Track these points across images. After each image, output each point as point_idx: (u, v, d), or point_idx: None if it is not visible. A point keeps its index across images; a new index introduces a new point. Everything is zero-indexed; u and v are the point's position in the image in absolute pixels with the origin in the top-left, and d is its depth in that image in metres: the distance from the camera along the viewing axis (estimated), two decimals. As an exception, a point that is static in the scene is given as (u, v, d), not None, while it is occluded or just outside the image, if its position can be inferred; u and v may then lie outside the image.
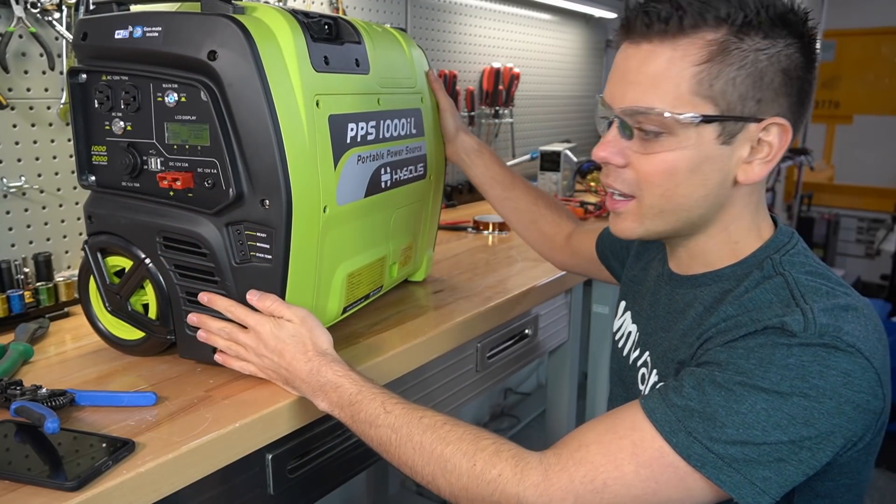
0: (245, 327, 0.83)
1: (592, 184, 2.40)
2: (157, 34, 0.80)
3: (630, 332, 0.90)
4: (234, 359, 0.84)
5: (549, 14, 2.59)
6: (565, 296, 1.50)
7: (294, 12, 0.86)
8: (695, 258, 0.78)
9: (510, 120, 2.39)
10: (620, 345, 0.92)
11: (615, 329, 0.96)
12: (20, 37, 1.12)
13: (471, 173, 1.19)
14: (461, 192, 2.17)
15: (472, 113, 2.20)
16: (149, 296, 0.89)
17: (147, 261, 0.87)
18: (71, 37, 1.16)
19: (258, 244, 0.82)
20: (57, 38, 1.16)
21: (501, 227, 1.75)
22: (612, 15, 2.82)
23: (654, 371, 0.79)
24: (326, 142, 0.86)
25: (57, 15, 1.15)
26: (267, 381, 0.85)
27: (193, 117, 0.81)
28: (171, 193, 0.85)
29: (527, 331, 1.36)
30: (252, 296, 0.83)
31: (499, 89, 2.27)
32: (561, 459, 0.65)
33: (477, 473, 0.66)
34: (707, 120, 0.68)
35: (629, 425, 0.65)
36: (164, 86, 0.82)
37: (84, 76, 0.87)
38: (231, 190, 0.81)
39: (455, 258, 1.49)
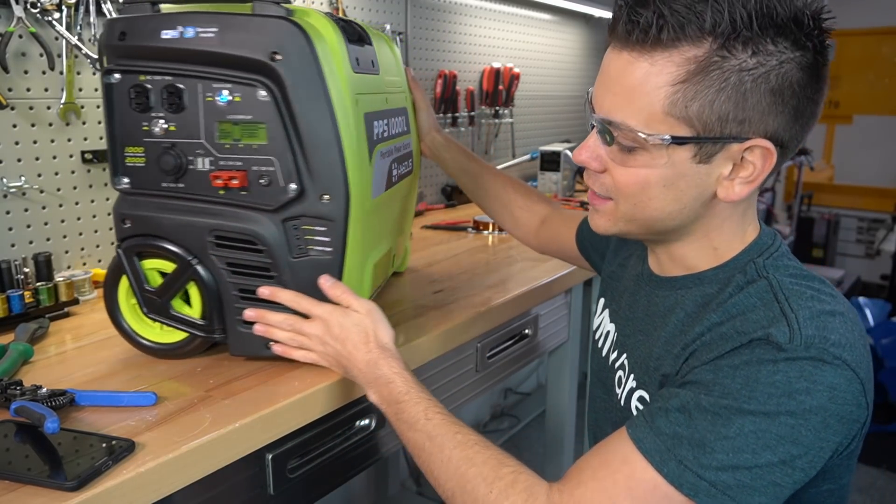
0: (306, 318, 0.85)
1: (592, 184, 2.40)
2: (212, 35, 0.80)
3: (608, 332, 0.89)
4: (294, 349, 0.86)
5: (549, 14, 2.59)
6: (565, 296, 1.50)
7: (328, 15, 0.88)
8: (674, 260, 0.78)
9: (510, 120, 2.39)
10: (600, 344, 0.92)
11: (594, 327, 0.96)
12: (20, 37, 1.12)
13: (443, 167, 1.24)
14: (461, 192, 2.17)
15: (472, 113, 2.21)
16: (192, 296, 0.89)
17: (194, 261, 0.87)
18: (71, 37, 1.16)
19: (317, 238, 0.85)
20: (57, 38, 1.16)
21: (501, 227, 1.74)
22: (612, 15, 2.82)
23: (632, 376, 0.79)
24: (363, 138, 0.89)
25: (57, 15, 1.15)
26: (266, 380, 0.85)
27: (249, 116, 0.83)
28: (222, 192, 0.85)
29: (527, 331, 1.36)
30: (325, 281, 0.85)
31: (499, 89, 2.27)
32: (563, 497, 0.65)
33: (491, 501, 0.67)
34: (678, 141, 0.65)
35: (621, 458, 0.64)
36: (214, 85, 0.83)
37: (118, 76, 0.85)
38: (291, 186, 0.83)
39: (455, 258, 1.49)
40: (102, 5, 1.21)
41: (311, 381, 0.85)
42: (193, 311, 0.89)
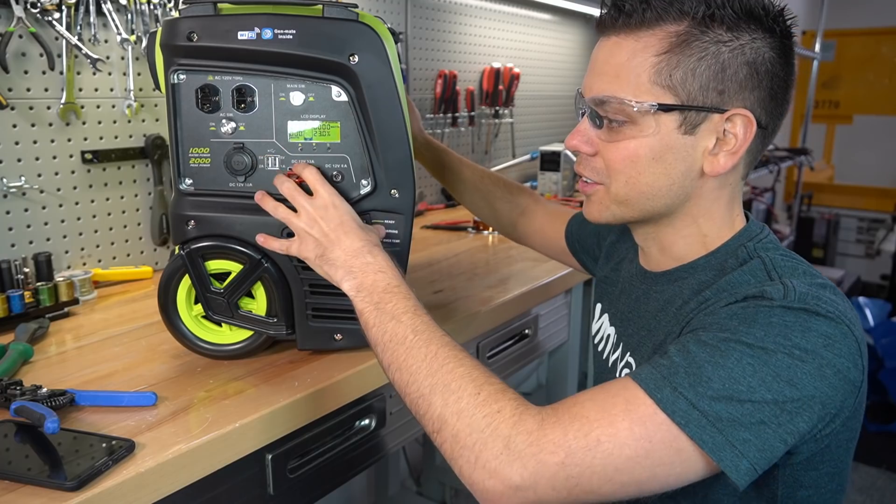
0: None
1: (592, 184, 2.40)
2: (290, 37, 0.81)
3: (609, 335, 0.90)
4: (273, 239, 0.84)
5: (549, 14, 2.59)
6: (565, 296, 1.50)
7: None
8: (665, 252, 0.79)
9: (510, 120, 2.39)
10: (600, 348, 0.92)
11: (594, 332, 0.96)
12: (20, 37, 1.12)
13: (424, 165, 1.22)
14: (461, 192, 2.17)
15: (472, 113, 2.21)
16: (257, 295, 0.90)
17: (264, 260, 0.87)
18: (71, 37, 1.17)
19: (386, 231, 0.88)
20: (57, 38, 1.17)
21: (501, 227, 1.74)
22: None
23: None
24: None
25: (57, 15, 1.15)
26: (266, 380, 0.85)
27: (322, 116, 0.85)
28: None
29: (527, 331, 1.36)
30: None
31: (499, 89, 2.27)
32: (557, 413, 0.63)
33: (478, 402, 0.63)
34: (664, 108, 0.69)
35: (621, 385, 0.63)
36: (287, 86, 0.85)
37: (183, 76, 0.85)
38: (365, 182, 0.87)
39: (455, 258, 1.49)
40: (102, 5, 1.21)
41: (311, 381, 0.85)
42: (259, 309, 0.90)
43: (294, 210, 0.83)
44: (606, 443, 0.60)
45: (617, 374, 0.84)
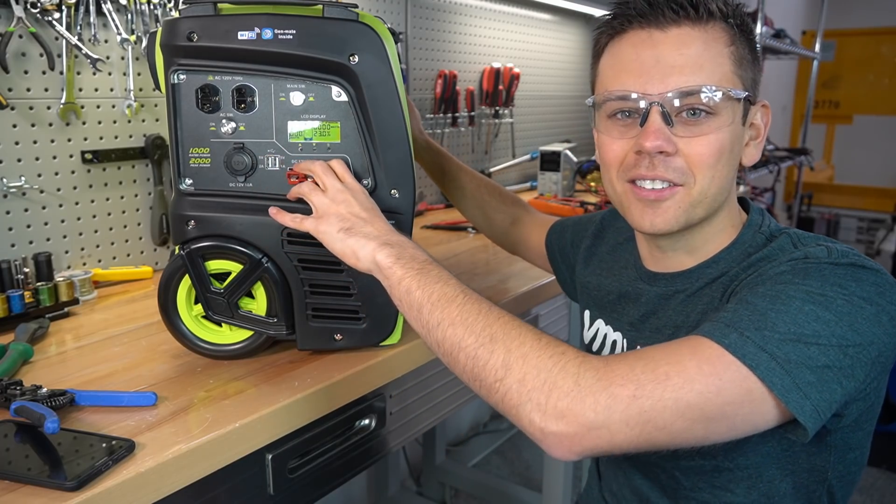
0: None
1: (592, 184, 2.40)
2: (290, 37, 0.81)
3: (615, 340, 0.89)
4: (286, 213, 0.82)
5: (549, 14, 2.59)
6: (565, 296, 1.49)
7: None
8: (695, 253, 0.79)
9: (510, 120, 2.39)
10: (604, 354, 0.91)
11: (587, 340, 0.95)
12: (20, 37, 1.12)
13: (423, 167, 1.21)
14: (461, 192, 2.17)
15: (472, 113, 2.21)
16: (257, 295, 0.90)
17: (264, 260, 0.87)
18: (71, 37, 1.17)
19: None
20: (57, 38, 1.17)
21: (501, 227, 1.74)
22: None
23: None
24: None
25: (57, 15, 1.15)
26: (266, 380, 0.85)
27: (322, 116, 0.86)
28: None
29: (527, 331, 1.36)
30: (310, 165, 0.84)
31: (499, 89, 2.27)
32: (622, 356, 0.62)
33: (542, 345, 0.62)
34: (749, 98, 0.72)
35: (684, 341, 0.62)
36: (288, 86, 0.84)
37: (183, 76, 0.85)
38: (365, 182, 0.87)
39: (455, 258, 1.49)
40: (102, 5, 1.21)
41: (311, 381, 0.85)
42: (259, 309, 0.90)
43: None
44: (675, 377, 0.59)
45: None
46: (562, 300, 1.48)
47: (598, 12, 2.73)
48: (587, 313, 0.96)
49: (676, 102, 0.70)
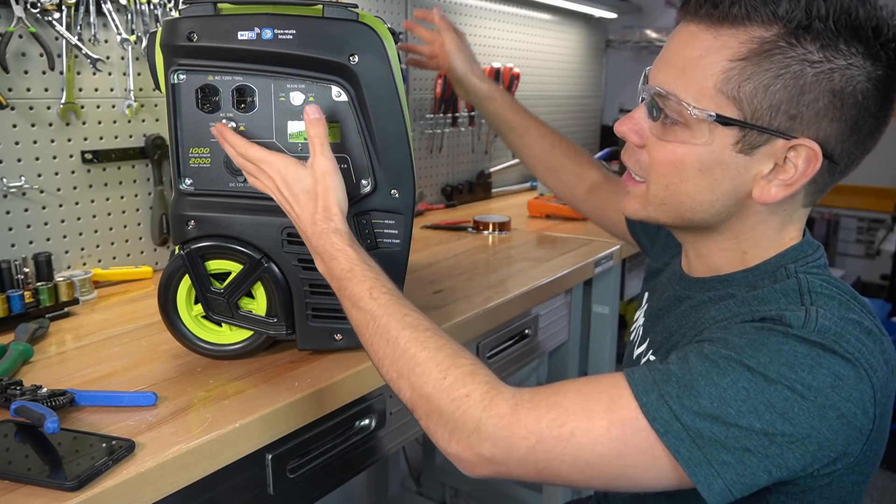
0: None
1: (592, 184, 2.40)
2: (290, 37, 0.81)
3: (640, 327, 0.88)
4: (255, 179, 0.82)
5: (549, 14, 2.59)
6: (565, 296, 1.50)
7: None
8: (702, 260, 0.76)
9: (510, 120, 2.38)
10: (632, 338, 0.91)
11: (634, 318, 0.94)
12: (20, 37, 1.12)
13: (486, 119, 1.17)
14: (461, 192, 2.17)
15: (472, 113, 2.20)
16: (257, 295, 0.90)
17: (264, 260, 0.87)
18: (71, 37, 1.16)
19: (386, 230, 0.89)
20: (57, 38, 1.16)
21: (501, 227, 1.75)
22: (612, 15, 2.82)
23: None
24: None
25: (57, 15, 1.15)
26: (266, 380, 0.85)
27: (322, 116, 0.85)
28: None
29: (527, 331, 1.36)
30: (312, 112, 0.79)
31: (499, 89, 2.27)
32: (535, 398, 0.61)
33: (445, 387, 0.62)
34: (722, 121, 0.63)
35: (610, 383, 0.61)
36: (287, 86, 0.84)
37: (183, 76, 0.85)
38: (365, 182, 0.87)
39: (455, 258, 1.49)
40: (102, 5, 1.21)
41: (311, 381, 0.85)
42: (259, 309, 0.90)
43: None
44: (580, 437, 0.59)
45: None
46: (562, 300, 1.48)
47: (597, 12, 2.73)
48: (646, 295, 0.93)
49: (655, 99, 0.67)
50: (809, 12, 0.59)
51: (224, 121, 0.85)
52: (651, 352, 0.81)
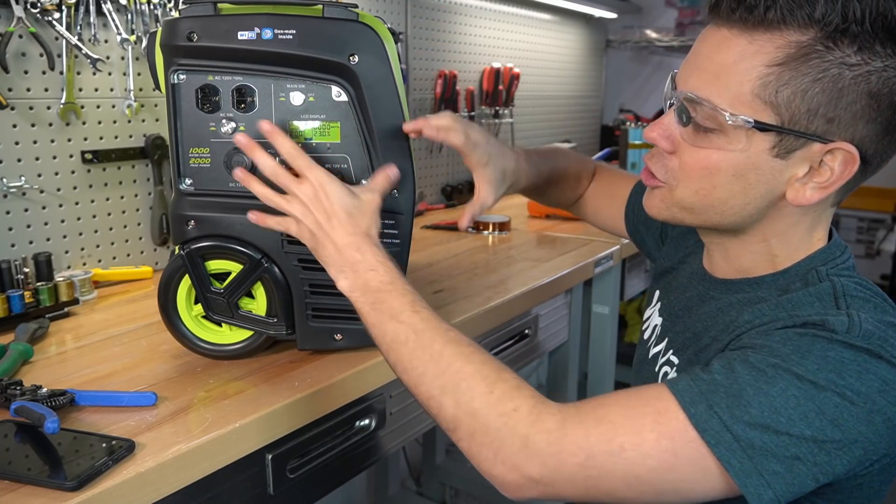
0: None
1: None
2: (290, 37, 0.81)
3: (656, 325, 0.87)
4: (270, 217, 0.79)
5: (549, 14, 2.59)
6: (565, 296, 1.50)
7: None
8: (729, 261, 0.75)
9: (510, 120, 2.39)
10: (646, 336, 0.89)
11: (645, 317, 0.93)
12: (20, 37, 1.12)
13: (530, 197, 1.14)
14: (461, 191, 2.17)
15: (473, 113, 2.21)
16: (257, 295, 0.90)
17: (264, 260, 0.87)
18: (71, 37, 1.16)
19: (385, 231, 0.87)
20: (57, 38, 1.16)
21: (501, 227, 1.75)
22: (612, 15, 2.82)
23: (678, 372, 0.77)
24: None
25: (57, 15, 1.15)
26: (266, 380, 0.85)
27: (322, 116, 0.85)
28: None
29: (527, 331, 1.36)
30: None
31: (499, 89, 2.27)
32: (581, 413, 0.60)
33: (492, 401, 0.61)
34: (761, 127, 0.62)
35: (654, 395, 0.60)
36: (288, 86, 0.85)
37: (183, 77, 0.85)
38: (365, 182, 0.85)
39: (455, 258, 1.49)
40: (102, 5, 1.21)
41: (311, 382, 0.85)
42: (259, 309, 0.90)
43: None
44: (630, 451, 0.58)
45: (656, 368, 0.81)
46: (562, 300, 1.48)
47: (597, 12, 2.73)
48: (657, 293, 0.91)
49: (687, 104, 0.66)
50: (846, 15, 0.58)
51: (224, 120, 0.85)
52: (672, 351, 0.80)
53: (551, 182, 1.07)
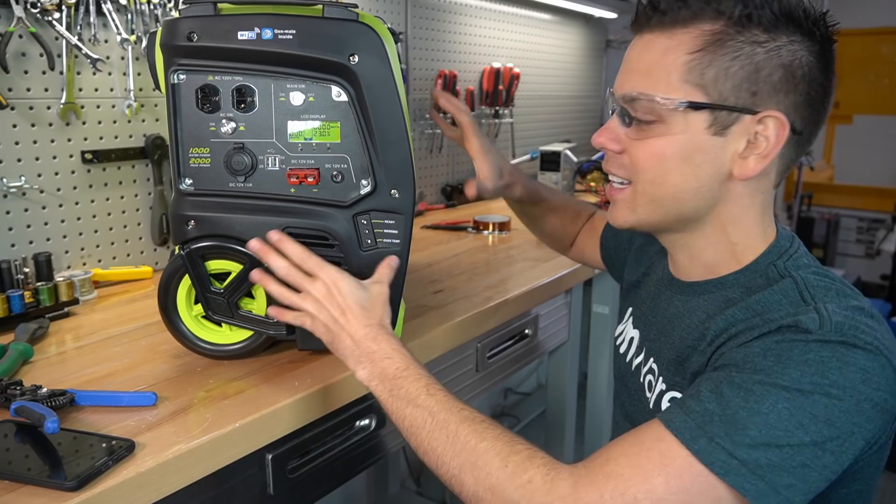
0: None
1: (592, 184, 2.40)
2: (290, 37, 0.82)
3: (632, 338, 0.89)
4: (287, 311, 0.82)
5: (549, 14, 2.59)
6: (565, 296, 1.50)
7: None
8: (694, 260, 0.77)
9: (510, 120, 2.39)
10: (622, 350, 0.92)
11: (617, 333, 0.96)
12: (20, 37, 1.12)
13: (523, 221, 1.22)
14: (461, 192, 2.17)
15: (472, 113, 2.21)
16: (257, 295, 0.90)
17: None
18: (71, 37, 1.16)
19: (386, 230, 0.89)
20: (57, 38, 1.17)
21: (501, 227, 1.75)
22: (612, 15, 2.82)
23: (661, 378, 0.78)
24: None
25: (57, 15, 1.15)
26: (266, 380, 0.85)
27: (322, 116, 0.86)
28: (293, 190, 0.87)
29: (527, 331, 1.36)
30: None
31: (499, 89, 2.27)
32: (591, 472, 0.62)
33: (507, 475, 0.64)
34: (694, 106, 0.68)
35: (654, 437, 0.62)
36: (288, 86, 0.85)
37: (183, 77, 0.85)
38: (365, 182, 0.87)
39: (455, 258, 1.49)
40: (102, 5, 1.21)
41: (311, 381, 0.85)
42: (259, 309, 0.90)
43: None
44: (644, 499, 0.59)
45: (640, 379, 0.83)
46: (562, 300, 1.48)
47: (597, 12, 2.73)
48: (630, 309, 0.94)
49: (627, 106, 0.71)
50: (747, 4, 0.67)
51: (224, 120, 0.85)
52: (652, 359, 0.82)
53: (549, 210, 1.17)
